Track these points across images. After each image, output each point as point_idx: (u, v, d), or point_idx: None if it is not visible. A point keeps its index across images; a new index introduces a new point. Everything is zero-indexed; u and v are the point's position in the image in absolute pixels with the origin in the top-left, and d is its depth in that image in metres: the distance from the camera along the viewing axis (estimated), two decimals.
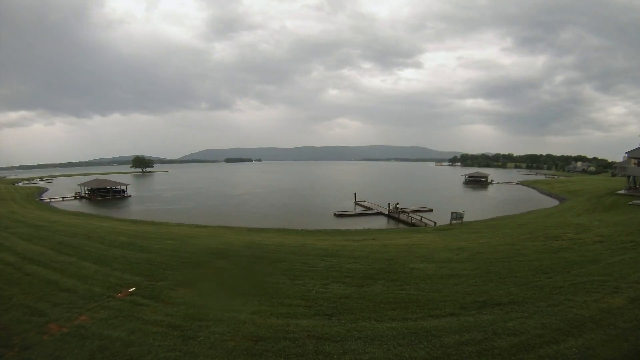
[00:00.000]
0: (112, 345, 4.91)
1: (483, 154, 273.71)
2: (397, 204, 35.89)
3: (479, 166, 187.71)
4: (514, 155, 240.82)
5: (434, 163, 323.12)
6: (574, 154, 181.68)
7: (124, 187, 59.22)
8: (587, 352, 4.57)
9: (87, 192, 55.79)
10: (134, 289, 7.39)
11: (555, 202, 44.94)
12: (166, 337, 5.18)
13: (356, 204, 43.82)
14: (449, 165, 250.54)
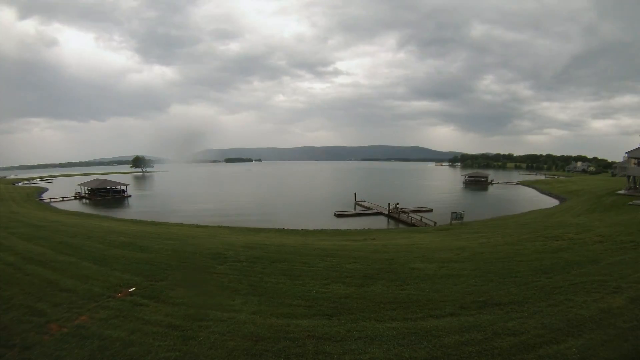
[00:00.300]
0: (112, 345, 4.91)
1: (483, 154, 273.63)
2: (397, 204, 35.88)
3: (479, 167, 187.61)
4: (514, 155, 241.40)
5: (433, 163, 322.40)
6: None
7: (124, 187, 59.20)
8: (587, 352, 4.57)
9: (87, 192, 55.78)
10: (134, 289, 7.39)
11: (555, 202, 44.94)
12: (166, 337, 5.18)
13: (356, 204, 43.83)
14: (449, 165, 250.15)
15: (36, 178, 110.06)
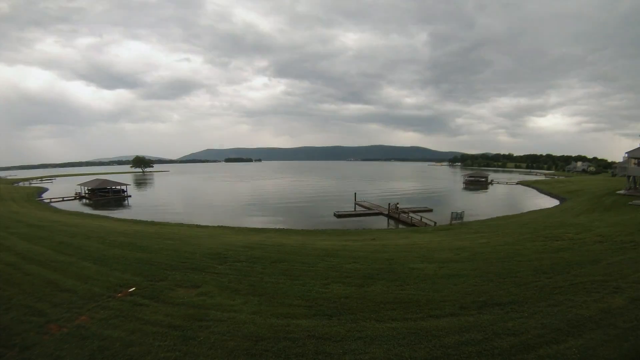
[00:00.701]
0: (112, 345, 4.91)
1: (483, 154, 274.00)
2: (397, 204, 35.87)
3: (479, 166, 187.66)
4: (514, 155, 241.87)
5: (434, 163, 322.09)
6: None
7: (124, 187, 59.18)
8: (587, 352, 4.58)
9: (87, 192, 55.75)
10: (134, 289, 7.39)
11: (555, 202, 44.92)
12: (166, 337, 5.19)
13: (356, 204, 43.81)
14: (449, 165, 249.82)
15: (36, 178, 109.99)
